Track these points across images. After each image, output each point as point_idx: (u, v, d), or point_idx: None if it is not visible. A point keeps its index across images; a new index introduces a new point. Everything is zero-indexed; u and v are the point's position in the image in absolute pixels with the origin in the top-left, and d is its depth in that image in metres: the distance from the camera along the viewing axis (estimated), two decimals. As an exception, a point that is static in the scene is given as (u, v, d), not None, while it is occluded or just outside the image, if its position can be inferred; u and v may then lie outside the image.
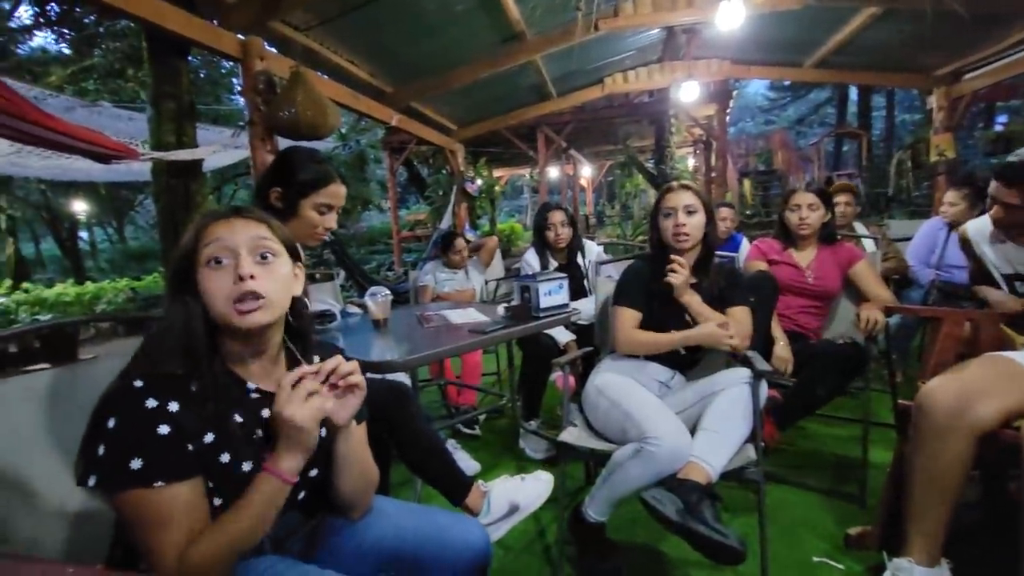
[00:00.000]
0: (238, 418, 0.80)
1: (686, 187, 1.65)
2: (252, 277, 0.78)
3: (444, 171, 8.03)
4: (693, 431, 1.39)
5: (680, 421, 1.39)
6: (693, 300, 1.60)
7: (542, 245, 2.70)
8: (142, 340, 0.81)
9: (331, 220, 1.48)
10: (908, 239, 3.04)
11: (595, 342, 1.96)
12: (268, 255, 0.81)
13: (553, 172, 12.11)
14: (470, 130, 6.45)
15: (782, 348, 1.94)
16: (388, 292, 1.93)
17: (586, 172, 14.09)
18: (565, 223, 2.65)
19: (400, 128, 4.98)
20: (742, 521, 1.70)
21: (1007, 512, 1.22)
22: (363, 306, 2.09)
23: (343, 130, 11.00)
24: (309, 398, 0.76)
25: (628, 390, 1.48)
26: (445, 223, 6.07)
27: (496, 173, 10.48)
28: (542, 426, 2.37)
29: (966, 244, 1.93)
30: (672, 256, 1.60)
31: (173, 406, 0.73)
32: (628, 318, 1.63)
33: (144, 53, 3.02)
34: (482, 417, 2.67)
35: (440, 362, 2.83)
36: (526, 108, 6.33)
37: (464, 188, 6.74)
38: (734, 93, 8.82)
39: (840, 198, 3.01)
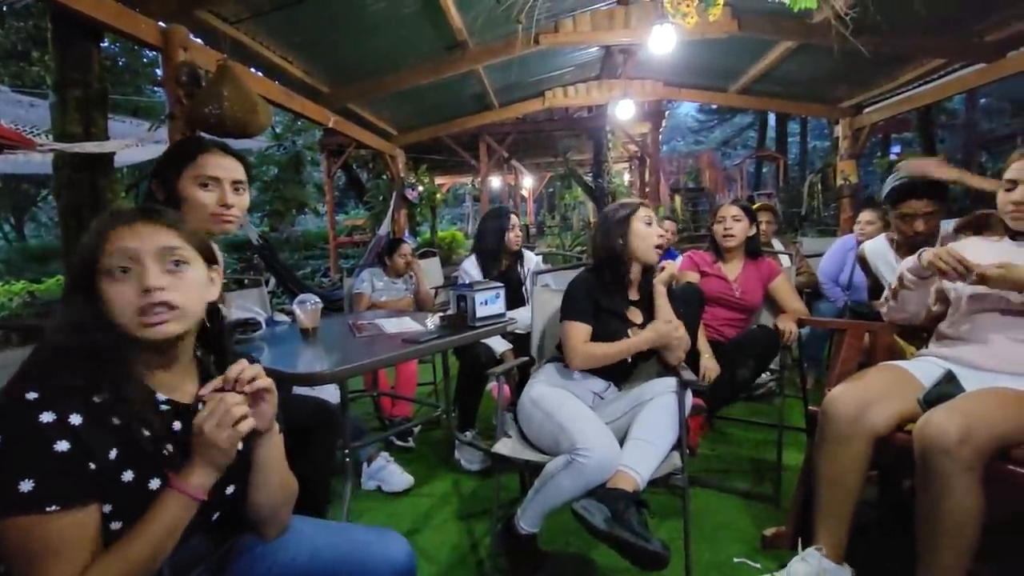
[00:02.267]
0: (146, 432, 0.73)
1: (647, 204, 1.76)
2: (161, 288, 0.73)
3: (384, 176, 7.87)
4: (625, 439, 1.43)
5: (610, 432, 1.42)
6: (664, 303, 1.66)
7: (495, 249, 2.65)
8: (32, 349, 0.74)
9: (228, 195, 1.28)
10: (819, 255, 3.30)
11: (532, 352, 1.97)
12: (179, 263, 0.77)
13: (495, 181, 12.17)
14: (411, 136, 6.36)
15: (708, 359, 2.04)
16: (318, 300, 1.86)
17: (527, 183, 14.26)
18: (521, 225, 2.72)
19: (337, 130, 4.84)
20: (669, 526, 1.76)
21: (902, 510, 1.33)
22: (291, 314, 2.00)
23: (278, 130, 10.55)
24: (228, 412, 0.72)
25: (561, 402, 1.50)
26: (383, 229, 5.93)
27: (438, 180, 10.41)
28: (478, 437, 2.35)
29: (864, 262, 2.14)
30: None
31: (75, 419, 0.66)
32: (580, 332, 1.60)
33: (49, 35, 2.75)
34: (417, 429, 2.62)
35: (374, 373, 2.75)
36: (468, 117, 6.32)
37: (404, 194, 6.62)
38: (666, 113, 9.28)
39: (761, 216, 3.22)
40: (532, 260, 2.83)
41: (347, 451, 1.79)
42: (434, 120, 6.28)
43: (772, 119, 15.48)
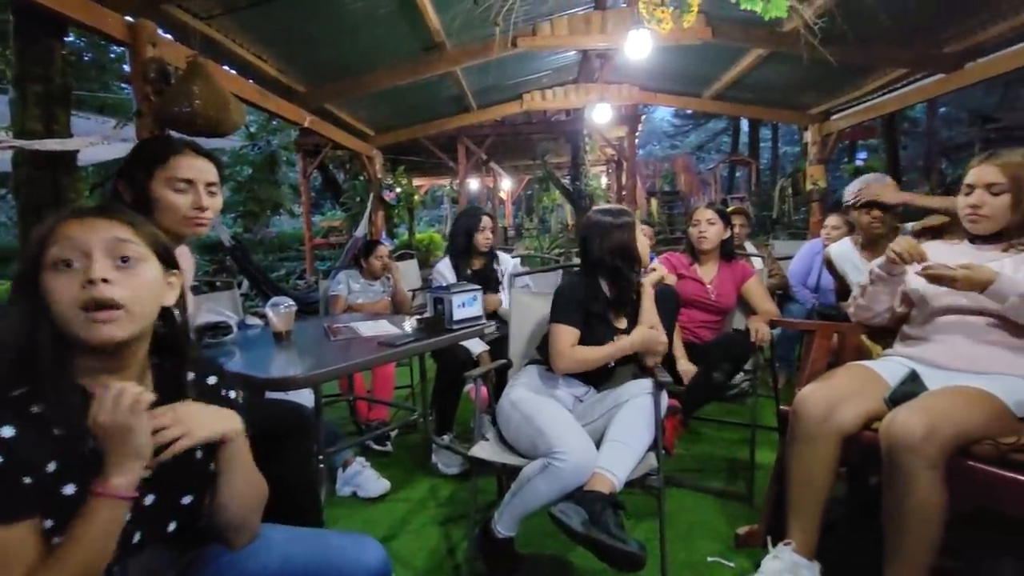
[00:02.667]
0: (91, 443, 0.69)
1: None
2: (106, 281, 0.68)
3: (361, 177, 7.78)
4: (602, 441, 1.43)
5: (587, 436, 1.42)
6: (650, 303, 1.67)
7: (465, 249, 2.66)
8: None
9: (201, 198, 1.24)
10: (790, 258, 3.38)
11: (509, 354, 1.97)
12: (129, 258, 0.72)
13: (473, 184, 12.15)
14: (388, 136, 6.30)
15: (684, 363, 2.06)
16: (292, 303, 1.82)
17: (506, 185, 14.27)
18: (492, 227, 2.71)
19: (313, 130, 4.77)
20: (645, 526, 1.77)
21: (870, 506, 1.37)
22: (264, 317, 1.96)
23: (252, 129, 10.33)
24: (121, 394, 0.66)
25: (540, 405, 1.50)
26: (360, 231, 5.85)
27: (416, 182, 10.32)
28: (455, 440, 2.33)
29: (830, 265, 2.22)
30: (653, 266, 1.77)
31: (7, 431, 0.63)
32: (568, 336, 1.60)
33: (10, 27, 2.64)
34: (394, 433, 2.59)
35: (350, 376, 2.71)
36: (447, 119, 6.30)
37: (381, 196, 6.55)
38: (642, 118, 9.41)
39: (735, 220, 3.28)
40: (508, 263, 2.82)
41: (321, 457, 1.76)
42: (412, 121, 6.24)
43: (745, 125, 15.85)
